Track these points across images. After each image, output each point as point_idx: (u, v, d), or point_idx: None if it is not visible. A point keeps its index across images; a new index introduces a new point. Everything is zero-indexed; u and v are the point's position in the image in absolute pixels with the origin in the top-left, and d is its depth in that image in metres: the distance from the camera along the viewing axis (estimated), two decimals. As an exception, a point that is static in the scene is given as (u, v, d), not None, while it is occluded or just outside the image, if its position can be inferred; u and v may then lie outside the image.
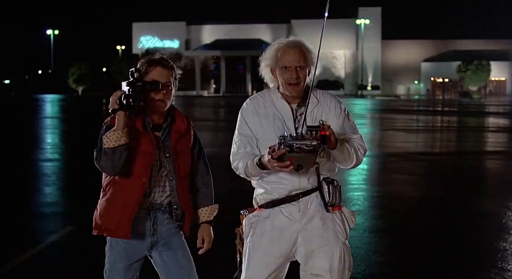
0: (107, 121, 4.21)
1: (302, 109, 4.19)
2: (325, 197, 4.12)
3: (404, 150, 20.63)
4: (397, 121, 37.45)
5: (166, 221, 4.28)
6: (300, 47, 4.19)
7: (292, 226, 4.15)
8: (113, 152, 3.99)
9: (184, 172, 4.32)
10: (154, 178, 4.22)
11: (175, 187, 4.25)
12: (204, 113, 46.23)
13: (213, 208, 4.54)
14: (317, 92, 4.30)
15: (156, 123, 4.24)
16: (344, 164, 4.21)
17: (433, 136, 28.45)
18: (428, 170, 16.51)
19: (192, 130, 4.43)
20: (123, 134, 3.99)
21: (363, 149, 4.22)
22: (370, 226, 9.42)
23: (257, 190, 4.33)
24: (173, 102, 4.29)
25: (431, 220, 9.97)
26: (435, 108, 60.09)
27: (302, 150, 3.65)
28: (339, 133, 4.13)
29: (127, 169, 4.11)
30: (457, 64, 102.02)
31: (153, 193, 4.23)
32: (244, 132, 4.26)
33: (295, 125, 4.16)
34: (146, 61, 4.23)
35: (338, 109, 4.30)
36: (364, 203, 11.29)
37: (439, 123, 38.78)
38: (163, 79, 4.15)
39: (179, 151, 4.26)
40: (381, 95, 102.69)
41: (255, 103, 4.31)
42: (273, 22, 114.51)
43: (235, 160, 4.26)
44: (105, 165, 4.06)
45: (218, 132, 25.92)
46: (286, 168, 3.78)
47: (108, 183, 4.24)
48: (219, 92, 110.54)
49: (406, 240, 8.69)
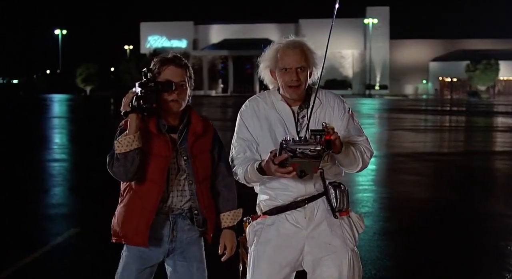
0: (121, 125, 4.00)
1: (304, 112, 4.02)
2: (332, 202, 3.93)
3: (412, 150, 20.51)
4: (405, 121, 37.32)
5: (187, 227, 4.10)
6: (301, 47, 3.99)
7: (298, 233, 3.95)
8: (125, 157, 3.83)
9: (204, 174, 4.11)
10: (172, 181, 4.03)
11: (195, 190, 4.05)
12: (212, 113, 46.18)
13: (236, 213, 4.29)
14: (320, 92, 4.08)
15: (172, 125, 4.05)
16: (350, 168, 4.02)
17: (441, 136, 28.31)
18: (437, 170, 16.38)
19: (212, 130, 4.24)
20: (135, 138, 3.82)
21: (369, 152, 4.02)
22: (379, 228, 9.30)
23: (261, 196, 4.14)
24: (189, 102, 4.12)
25: (440, 222, 9.85)
26: (444, 108, 59.92)
27: (306, 155, 3.44)
28: (344, 135, 3.94)
29: (142, 174, 3.94)
30: (466, 63, 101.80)
31: (172, 198, 4.04)
32: (244, 136, 4.07)
33: (297, 129, 3.97)
34: (158, 60, 4.05)
35: (342, 109, 4.08)
36: (373, 204, 11.17)
37: (448, 123, 38.63)
38: (176, 79, 3.97)
39: (197, 153, 4.07)
40: (389, 95, 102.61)
41: (255, 106, 4.11)
42: (281, 21, 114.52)
43: (234, 164, 4.08)
44: (118, 171, 3.89)
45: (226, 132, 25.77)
46: (288, 174, 3.56)
47: (125, 188, 4.08)
48: (226, 92, 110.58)
49: (416, 242, 8.58)
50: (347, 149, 3.84)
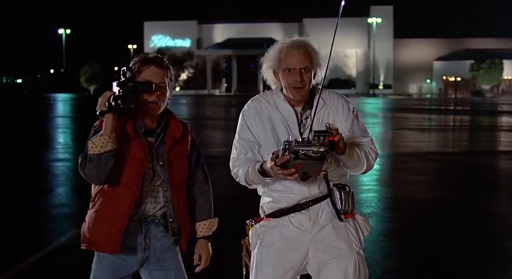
0: (96, 125, 3.84)
1: (307, 113, 3.91)
2: (337, 204, 3.82)
3: (416, 150, 20.45)
4: (409, 120, 37.25)
5: (160, 234, 3.92)
6: (305, 48, 3.88)
7: (302, 236, 3.84)
8: (98, 158, 3.64)
9: (180, 181, 3.95)
10: (146, 187, 3.85)
11: (170, 198, 3.88)
12: (215, 113, 46.16)
13: (212, 222, 4.16)
14: (323, 93, 3.96)
15: (149, 128, 3.87)
16: (354, 170, 3.89)
17: (445, 136, 28.24)
18: (441, 170, 16.32)
19: (190, 136, 4.09)
20: (110, 139, 3.63)
21: (374, 153, 3.92)
22: (384, 229, 9.25)
23: (264, 198, 4.02)
24: (168, 105, 3.94)
25: (444, 222, 9.80)
26: (448, 107, 59.81)
27: (309, 157, 3.34)
28: (348, 136, 3.82)
29: (116, 178, 3.76)
30: (470, 63, 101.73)
31: (145, 204, 3.87)
32: (245, 137, 3.95)
33: (300, 130, 3.86)
34: (138, 59, 3.87)
35: (346, 110, 3.97)
36: (377, 205, 11.12)
37: (452, 122, 38.54)
38: (157, 80, 3.80)
39: (174, 158, 3.90)
40: (393, 94, 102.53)
41: (257, 106, 4.00)
42: (284, 21, 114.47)
43: (235, 166, 3.94)
44: (90, 173, 3.71)
45: (229, 132, 25.83)
46: (290, 176, 3.44)
47: (97, 192, 3.90)
48: (230, 91, 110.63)
49: (420, 242, 8.53)
50: (351, 150, 3.74)
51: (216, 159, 15.28)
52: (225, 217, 4.29)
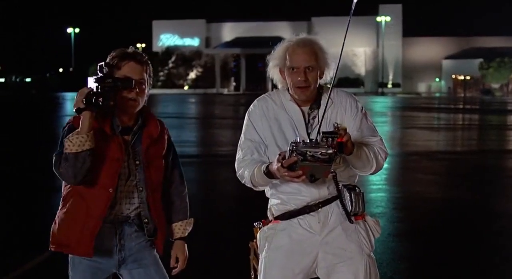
0: (70, 121, 3.68)
1: (315, 112, 3.81)
2: (346, 206, 3.73)
3: (426, 149, 20.37)
4: (418, 119, 37.15)
5: (135, 234, 3.79)
6: (311, 46, 3.77)
7: (311, 238, 3.74)
8: (75, 157, 3.48)
9: (157, 182, 3.82)
10: (121, 187, 3.70)
11: (145, 198, 3.75)
12: (224, 111, 46.15)
13: (188, 223, 4.04)
14: (331, 92, 3.82)
15: (126, 126, 3.72)
16: (363, 170, 3.80)
17: (455, 135, 28.12)
18: (451, 169, 16.23)
19: (166, 135, 3.94)
20: (88, 138, 3.48)
21: (383, 153, 3.82)
22: (394, 229, 9.16)
23: (272, 200, 3.92)
24: (145, 103, 3.79)
25: (455, 222, 9.72)
26: (457, 106, 59.64)
27: (317, 158, 3.25)
28: (356, 136, 3.74)
29: (91, 177, 3.59)
30: (479, 61, 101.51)
31: (119, 205, 3.71)
32: (251, 137, 3.86)
33: (307, 130, 3.76)
34: (117, 54, 3.69)
35: (354, 109, 3.87)
36: (387, 204, 11.03)
37: (461, 121, 38.41)
38: (136, 76, 3.65)
39: (151, 158, 3.77)
40: (401, 93, 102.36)
41: (263, 106, 3.90)
42: (293, 19, 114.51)
43: (240, 167, 3.85)
44: (65, 172, 3.52)
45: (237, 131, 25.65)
46: (297, 178, 3.35)
47: (69, 192, 3.72)
48: (239, 90, 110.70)
49: (431, 242, 8.44)
50: (360, 150, 3.65)
51: (225, 158, 15.23)
52: (232, 218, 4.22)
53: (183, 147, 20.32)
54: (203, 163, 16.67)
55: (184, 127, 29.96)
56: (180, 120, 34.47)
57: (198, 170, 15.52)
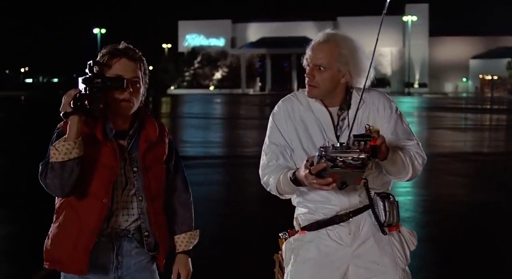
0: (60, 126, 3.35)
1: (344, 114, 3.51)
2: (380, 216, 3.44)
3: (453, 150, 20.13)
4: (445, 119, 36.82)
5: (135, 251, 3.44)
6: (330, 44, 3.48)
7: (341, 251, 3.46)
8: (61, 167, 3.15)
9: (157, 190, 3.46)
10: (118, 197, 3.36)
11: (145, 209, 3.40)
12: (249, 112, 46.07)
13: (193, 235, 3.67)
14: (361, 91, 3.51)
15: (121, 130, 3.38)
16: (398, 177, 3.52)
17: (482, 136, 27.80)
18: (479, 170, 16.01)
19: (167, 138, 3.58)
20: (75, 145, 3.15)
21: (420, 158, 3.52)
22: (423, 234, 8.94)
23: (299, 209, 3.63)
24: (141, 103, 3.46)
25: (485, 226, 9.52)
26: (484, 106, 59.12)
27: (348, 164, 2.99)
28: (391, 139, 3.45)
29: (84, 188, 3.28)
30: (507, 61, 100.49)
31: (116, 217, 3.38)
32: (276, 141, 3.57)
33: (336, 133, 3.48)
34: (107, 51, 3.37)
35: (388, 109, 3.58)
36: (415, 208, 10.85)
37: (488, 121, 38.02)
38: (129, 74, 3.32)
39: (150, 163, 3.42)
40: (428, 93, 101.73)
41: (289, 107, 3.60)
42: (319, 19, 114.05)
43: (265, 174, 3.56)
44: (52, 183, 3.20)
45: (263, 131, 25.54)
46: (327, 186, 3.09)
47: (61, 204, 3.39)
48: (264, 90, 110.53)
49: (461, 249, 8.25)
50: (395, 154, 3.37)
51: (250, 159, 15.10)
52: (256, 223, 3.97)
53: (209, 147, 20.25)
54: (228, 164, 16.55)
55: (209, 128, 29.93)
56: (205, 121, 34.44)
57: (223, 171, 15.45)
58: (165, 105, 58.70)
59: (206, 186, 12.82)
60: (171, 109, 51.87)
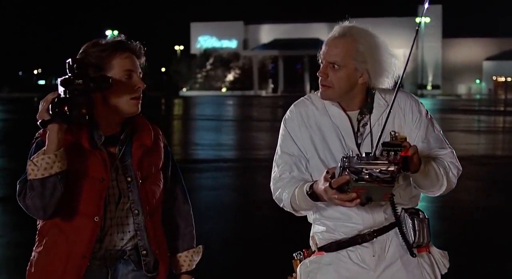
0: (39, 135, 2.87)
1: (366, 119, 3.11)
2: (408, 235, 3.05)
3: (467, 153, 19.87)
4: (458, 121, 36.53)
5: (132, 275, 3.00)
6: (346, 39, 3.05)
7: (364, 275, 3.08)
8: (42, 184, 2.70)
9: (155, 201, 3.04)
10: (111, 213, 2.93)
11: (143, 224, 2.97)
12: (262, 114, 45.93)
13: (196, 252, 3.25)
14: (386, 93, 3.16)
15: (110, 135, 2.94)
16: (431, 190, 3.10)
17: (496, 138, 27.54)
18: (493, 174, 15.84)
19: (162, 142, 3.16)
20: (56, 158, 2.71)
21: (455, 169, 3.10)
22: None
23: (315, 227, 3.21)
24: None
25: (501, 233, 9.31)
26: (498, 108, 58.74)
27: (375, 178, 2.60)
28: (422, 148, 3.02)
29: (70, 206, 2.84)
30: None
31: (110, 236, 2.94)
32: (289, 150, 3.15)
33: (356, 141, 3.07)
34: (108, 45, 2.94)
35: (417, 113, 3.16)
36: (428, 214, 10.58)
37: (502, 124, 37.71)
38: (138, 70, 2.99)
39: (146, 172, 3.00)
40: (441, 95, 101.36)
41: (303, 111, 3.18)
42: (331, 21, 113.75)
43: (277, 188, 3.14)
44: (32, 204, 2.75)
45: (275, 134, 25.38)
46: (349, 203, 2.70)
47: (45, 224, 2.94)
48: (277, 92, 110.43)
49: (479, 257, 8.05)
50: (428, 166, 2.96)
51: (264, 162, 14.92)
52: (268, 230, 3.65)
53: (220, 150, 20.10)
54: (240, 167, 16.38)
55: (221, 130, 29.80)
56: (217, 123, 34.32)
57: (235, 175, 15.30)
58: (177, 107, 58.63)
59: (217, 190, 12.69)
60: (183, 111, 51.79)
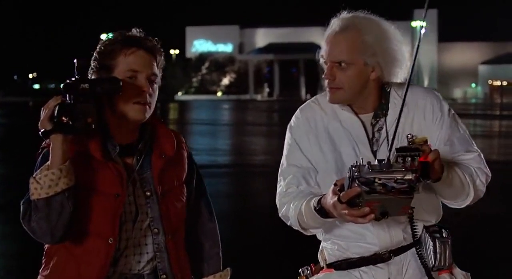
0: (45, 145, 2.52)
1: (381, 122, 2.75)
2: (428, 258, 2.70)
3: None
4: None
5: None
6: (349, 32, 2.71)
7: None
8: (47, 205, 2.36)
9: (178, 219, 2.71)
10: (127, 233, 2.59)
11: (164, 244, 2.63)
12: (257, 118, 45.82)
13: (223, 276, 2.87)
14: (402, 90, 2.70)
15: (126, 144, 2.61)
16: (455, 201, 2.73)
17: (492, 142, 27.46)
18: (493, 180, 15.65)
19: (186, 152, 2.83)
20: (62, 173, 2.37)
21: (483, 175, 2.75)
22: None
23: (326, 243, 2.88)
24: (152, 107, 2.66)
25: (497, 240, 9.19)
26: (494, 112, 58.72)
27: (390, 188, 2.24)
28: (445, 152, 2.64)
29: (81, 226, 2.50)
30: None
31: (126, 258, 2.60)
32: (297, 162, 2.79)
33: (372, 148, 2.73)
34: (118, 39, 2.62)
35: (438, 112, 2.77)
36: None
37: (498, 128, 37.68)
38: (147, 70, 2.59)
39: (167, 185, 2.66)
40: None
41: (310, 117, 2.82)
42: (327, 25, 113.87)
43: (283, 203, 2.78)
44: (38, 228, 2.40)
45: (271, 139, 25.44)
46: (362, 219, 2.35)
47: (52, 246, 2.59)
48: (272, 96, 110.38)
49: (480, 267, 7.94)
50: (451, 172, 2.58)
51: (260, 168, 14.79)
52: (267, 238, 3.43)
53: (215, 155, 19.96)
54: (235, 173, 16.20)
55: (216, 134, 29.68)
56: (212, 127, 34.20)
57: (230, 181, 15.14)
58: (173, 111, 58.51)
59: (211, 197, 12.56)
60: (178, 116, 51.65)
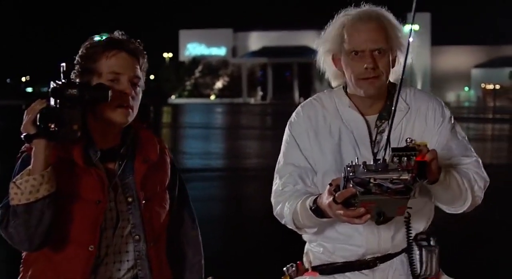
0: (25, 149, 2.47)
1: (385, 125, 2.69)
2: (415, 267, 2.66)
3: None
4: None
5: None
6: (379, 20, 2.68)
7: None
8: (27, 211, 2.29)
9: (160, 226, 2.63)
10: (108, 240, 2.51)
11: (145, 252, 2.56)
12: (251, 121, 45.80)
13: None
14: (407, 93, 2.77)
15: (108, 149, 2.54)
16: (452, 206, 2.67)
17: (485, 146, 27.48)
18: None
19: (169, 157, 2.76)
20: (43, 179, 2.31)
21: (482, 181, 2.69)
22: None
23: (312, 244, 2.83)
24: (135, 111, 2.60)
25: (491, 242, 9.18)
26: (486, 115, 58.82)
27: (386, 189, 2.18)
28: (443, 156, 2.58)
29: (61, 233, 2.43)
30: (509, 70, 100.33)
31: (106, 265, 2.53)
32: (294, 161, 2.72)
33: (373, 150, 2.66)
34: (101, 42, 2.52)
35: (439, 117, 2.74)
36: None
37: (491, 131, 37.74)
38: (129, 73, 2.53)
39: (150, 191, 2.59)
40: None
41: (311, 115, 2.76)
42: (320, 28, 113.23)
43: (278, 202, 2.72)
44: (16, 234, 2.33)
45: (264, 141, 25.43)
46: (359, 219, 2.29)
47: (30, 254, 2.51)
48: (265, 99, 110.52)
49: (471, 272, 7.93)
50: (449, 175, 2.53)
51: (253, 172, 14.75)
52: (260, 242, 3.39)
53: (208, 159, 19.92)
54: (228, 177, 16.10)
55: (209, 138, 29.65)
56: (205, 131, 34.17)
57: (223, 185, 15.12)
58: (166, 115, 58.46)
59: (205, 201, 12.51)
60: (172, 119, 51.60)
